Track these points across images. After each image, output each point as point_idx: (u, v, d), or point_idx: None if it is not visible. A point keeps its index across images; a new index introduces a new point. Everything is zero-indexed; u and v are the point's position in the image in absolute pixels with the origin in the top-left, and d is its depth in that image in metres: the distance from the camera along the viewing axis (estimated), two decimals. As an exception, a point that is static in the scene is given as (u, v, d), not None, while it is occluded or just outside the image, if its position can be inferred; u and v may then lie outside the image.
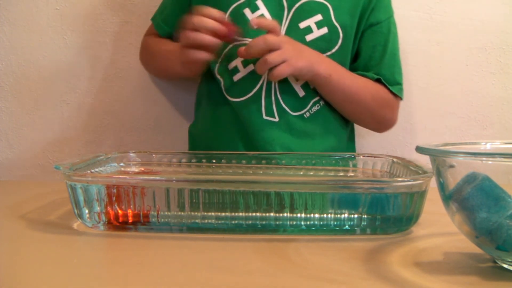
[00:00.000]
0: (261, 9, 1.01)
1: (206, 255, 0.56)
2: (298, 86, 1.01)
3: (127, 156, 0.85)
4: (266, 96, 1.00)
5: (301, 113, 1.02)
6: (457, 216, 0.51)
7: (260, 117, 1.00)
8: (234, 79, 1.02)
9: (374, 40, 1.07)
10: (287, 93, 1.01)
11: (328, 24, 1.01)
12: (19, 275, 0.50)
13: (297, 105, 1.02)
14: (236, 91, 1.02)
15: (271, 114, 1.00)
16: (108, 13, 1.25)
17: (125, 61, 1.26)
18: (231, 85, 1.02)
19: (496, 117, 1.27)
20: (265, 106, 1.00)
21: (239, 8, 1.02)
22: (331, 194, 0.62)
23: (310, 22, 1.01)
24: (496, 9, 1.25)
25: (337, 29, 1.02)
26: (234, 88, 1.02)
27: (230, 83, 1.02)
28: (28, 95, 1.27)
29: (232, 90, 1.02)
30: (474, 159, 0.49)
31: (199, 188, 0.62)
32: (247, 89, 1.01)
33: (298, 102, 1.02)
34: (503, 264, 0.51)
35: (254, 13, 1.01)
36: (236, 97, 1.02)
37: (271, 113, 1.01)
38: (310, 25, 1.01)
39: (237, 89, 1.02)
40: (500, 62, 1.26)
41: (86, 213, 0.64)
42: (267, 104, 1.00)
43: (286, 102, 1.01)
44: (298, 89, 1.01)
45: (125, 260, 0.54)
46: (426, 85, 1.27)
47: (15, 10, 1.26)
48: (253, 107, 1.01)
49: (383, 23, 1.08)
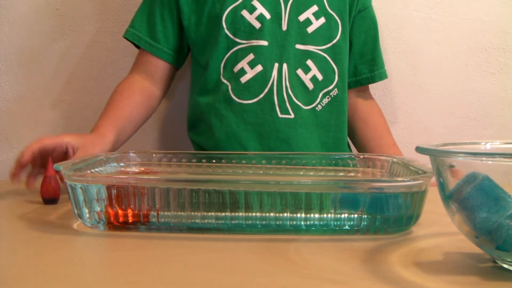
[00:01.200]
0: (259, 8, 1.02)
1: (206, 255, 0.56)
2: (308, 79, 1.01)
3: (127, 156, 0.84)
4: (278, 94, 1.00)
5: (312, 106, 1.03)
6: (457, 216, 0.51)
7: (276, 116, 1.00)
8: (241, 81, 1.01)
9: (365, 25, 1.11)
10: (297, 88, 1.01)
11: (324, 13, 1.03)
12: (19, 275, 0.50)
13: (308, 99, 1.02)
14: (245, 93, 1.01)
15: (286, 112, 1.00)
16: (108, 13, 1.25)
17: (125, 61, 1.26)
18: (239, 87, 1.01)
19: (496, 117, 1.27)
20: (278, 105, 1.00)
21: (236, 10, 1.02)
22: (331, 194, 0.62)
23: (308, 14, 1.03)
24: (496, 9, 1.25)
25: (333, 17, 1.04)
26: (244, 90, 1.01)
27: (238, 86, 1.01)
28: (28, 95, 1.27)
29: (241, 93, 1.01)
30: (474, 159, 0.49)
31: (199, 188, 0.62)
32: (257, 90, 1.01)
33: (308, 95, 1.02)
34: (503, 264, 0.51)
35: (253, 14, 1.01)
36: (246, 99, 1.01)
37: (286, 111, 1.00)
38: (309, 17, 1.02)
39: (247, 91, 1.01)
40: (500, 62, 1.26)
41: (86, 213, 0.64)
42: (281, 102, 1.00)
43: (298, 97, 1.01)
44: (307, 82, 1.02)
45: (125, 260, 0.54)
46: (426, 85, 1.27)
47: (15, 10, 1.26)
48: (266, 107, 1.00)
49: (369, 8, 1.12)
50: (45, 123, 1.28)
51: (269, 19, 1.02)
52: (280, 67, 1.00)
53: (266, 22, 1.02)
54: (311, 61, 1.02)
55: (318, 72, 1.02)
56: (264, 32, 1.01)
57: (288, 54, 1.01)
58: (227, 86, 1.02)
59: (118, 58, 1.26)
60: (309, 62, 1.02)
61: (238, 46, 1.02)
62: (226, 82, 1.02)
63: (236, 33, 1.02)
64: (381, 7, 1.24)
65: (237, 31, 1.02)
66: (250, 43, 1.01)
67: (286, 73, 1.01)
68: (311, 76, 1.02)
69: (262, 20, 1.01)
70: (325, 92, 1.03)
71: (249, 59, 1.01)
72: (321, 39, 1.03)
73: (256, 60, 1.00)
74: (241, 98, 1.01)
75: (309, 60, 1.02)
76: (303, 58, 1.02)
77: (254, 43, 1.01)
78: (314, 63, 1.03)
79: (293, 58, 1.02)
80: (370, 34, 1.11)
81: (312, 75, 1.02)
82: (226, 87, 1.02)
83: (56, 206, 0.78)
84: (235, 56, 1.02)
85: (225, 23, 1.02)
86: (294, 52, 1.02)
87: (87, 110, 1.27)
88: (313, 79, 1.02)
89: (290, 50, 1.02)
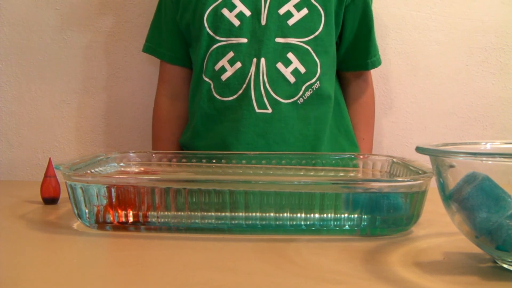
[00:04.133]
0: (238, 6, 1.02)
1: (206, 255, 0.56)
2: (288, 73, 1.01)
3: (127, 156, 0.84)
4: (255, 89, 1.01)
5: (294, 99, 1.02)
6: (457, 216, 0.51)
7: (253, 111, 1.00)
8: (222, 78, 1.02)
9: (358, 13, 1.09)
10: (277, 82, 1.01)
11: (307, 4, 1.03)
12: (19, 275, 0.50)
13: (289, 92, 1.02)
14: (226, 91, 1.02)
15: (263, 107, 1.01)
16: (108, 13, 1.25)
17: (125, 61, 1.26)
18: (220, 85, 1.03)
19: (496, 117, 1.27)
20: (256, 100, 1.01)
21: (217, 9, 1.03)
22: (331, 194, 0.62)
23: (289, 6, 1.03)
24: (496, 9, 1.25)
25: (316, 8, 1.03)
26: (224, 87, 1.02)
27: (219, 84, 1.03)
28: (28, 95, 1.27)
29: (222, 90, 1.03)
30: (474, 159, 0.49)
31: (199, 188, 0.62)
32: (237, 87, 1.01)
33: (289, 89, 1.02)
34: (503, 264, 0.51)
35: (232, 11, 1.02)
36: (226, 96, 1.02)
37: (263, 106, 1.01)
38: (289, 9, 1.02)
39: (227, 88, 1.02)
40: (500, 62, 1.26)
41: (86, 213, 0.64)
42: (258, 97, 1.01)
43: (277, 92, 1.01)
44: (288, 76, 1.01)
45: (125, 260, 0.54)
46: (426, 85, 1.27)
47: (15, 10, 1.26)
48: (244, 102, 1.01)
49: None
50: (45, 123, 1.28)
51: (248, 16, 1.02)
52: (258, 62, 1.00)
53: (245, 19, 1.02)
54: (292, 54, 1.02)
55: (300, 65, 1.02)
56: (243, 30, 1.02)
57: (267, 48, 1.01)
58: (209, 85, 1.03)
59: (118, 58, 1.26)
60: (290, 55, 1.02)
61: (218, 44, 1.02)
62: (209, 81, 1.04)
63: (217, 31, 1.03)
64: (381, 7, 1.24)
65: (217, 29, 1.03)
66: (230, 40, 1.02)
67: (264, 67, 1.01)
68: (292, 69, 1.01)
69: (242, 18, 1.02)
70: (308, 85, 1.02)
71: (229, 57, 1.02)
72: (303, 31, 1.02)
73: (236, 57, 1.01)
74: (222, 96, 1.03)
75: (290, 53, 1.02)
76: (283, 51, 1.02)
77: (233, 41, 1.02)
78: (295, 56, 1.02)
79: (272, 52, 1.01)
80: (364, 21, 1.09)
81: (293, 68, 1.01)
82: (208, 85, 1.03)
83: (56, 206, 0.78)
84: (216, 53, 1.03)
85: (207, 21, 1.03)
86: (273, 46, 1.02)
87: (87, 110, 1.27)
88: (295, 72, 1.01)
89: (269, 44, 1.01)
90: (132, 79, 1.27)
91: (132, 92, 1.27)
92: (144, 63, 1.26)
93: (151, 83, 1.26)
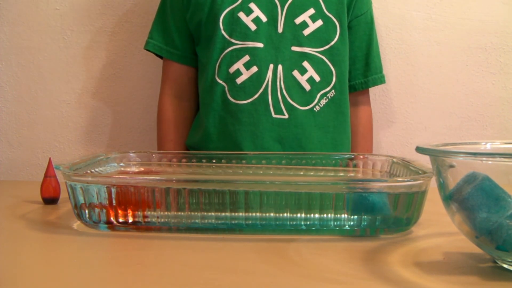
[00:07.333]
0: (255, 11, 1.03)
1: (206, 255, 0.56)
2: (304, 80, 1.02)
3: (127, 156, 0.84)
4: (272, 94, 1.01)
5: (310, 107, 1.03)
6: (457, 216, 0.51)
7: (269, 116, 1.01)
8: (237, 82, 1.02)
9: (360, 31, 1.11)
10: (293, 89, 1.02)
11: (321, 16, 1.04)
12: (19, 275, 0.50)
13: (305, 99, 1.03)
14: (241, 94, 1.02)
15: (280, 112, 1.01)
16: (108, 13, 1.25)
17: (125, 61, 1.26)
18: (235, 88, 1.02)
19: (496, 117, 1.27)
20: (273, 105, 1.01)
21: (234, 12, 1.03)
22: (331, 194, 0.62)
23: (304, 17, 1.04)
24: (496, 9, 1.25)
25: (331, 20, 1.05)
26: (239, 91, 1.02)
27: (234, 87, 1.02)
28: (28, 95, 1.27)
29: (237, 93, 1.02)
30: (474, 159, 0.49)
31: (199, 188, 0.62)
32: (252, 91, 1.02)
33: (305, 96, 1.03)
34: (503, 264, 0.51)
35: (249, 16, 1.02)
36: (241, 99, 1.02)
37: (280, 111, 1.01)
38: (305, 19, 1.03)
39: (242, 92, 1.02)
40: (500, 62, 1.26)
41: (86, 213, 0.64)
42: (275, 102, 1.01)
43: (293, 98, 1.02)
44: (304, 83, 1.02)
45: (125, 260, 0.54)
46: (426, 85, 1.27)
47: (15, 10, 1.26)
48: (261, 107, 1.01)
49: (366, 14, 1.12)
50: (45, 123, 1.28)
51: (265, 21, 1.03)
52: (275, 68, 1.01)
53: (262, 24, 1.03)
54: (307, 62, 1.03)
55: (315, 74, 1.03)
56: (259, 34, 1.02)
57: (284, 56, 1.03)
58: (223, 87, 1.03)
59: (118, 58, 1.26)
60: (305, 63, 1.03)
61: (233, 47, 1.03)
62: (222, 83, 1.03)
63: (232, 34, 1.03)
64: (381, 7, 1.24)
65: (233, 32, 1.03)
66: (245, 44, 1.02)
67: (281, 74, 1.02)
68: (308, 77, 1.03)
69: (258, 23, 1.03)
70: (323, 93, 1.04)
71: (245, 60, 1.02)
72: (318, 41, 1.04)
73: (252, 61, 1.02)
74: (236, 99, 1.03)
75: (305, 61, 1.03)
76: (299, 60, 1.03)
77: (249, 45, 1.02)
78: (310, 65, 1.03)
79: (289, 59, 1.03)
80: (365, 39, 1.12)
81: (308, 76, 1.03)
82: (222, 88, 1.03)
83: (56, 206, 0.78)
84: (230, 56, 1.03)
85: (222, 24, 1.03)
86: (289, 54, 1.03)
87: (87, 110, 1.27)
88: (310, 80, 1.03)
89: (286, 52, 1.03)
90: (132, 79, 1.27)
91: (132, 92, 1.27)
92: (144, 63, 1.26)
93: (151, 83, 1.26)
